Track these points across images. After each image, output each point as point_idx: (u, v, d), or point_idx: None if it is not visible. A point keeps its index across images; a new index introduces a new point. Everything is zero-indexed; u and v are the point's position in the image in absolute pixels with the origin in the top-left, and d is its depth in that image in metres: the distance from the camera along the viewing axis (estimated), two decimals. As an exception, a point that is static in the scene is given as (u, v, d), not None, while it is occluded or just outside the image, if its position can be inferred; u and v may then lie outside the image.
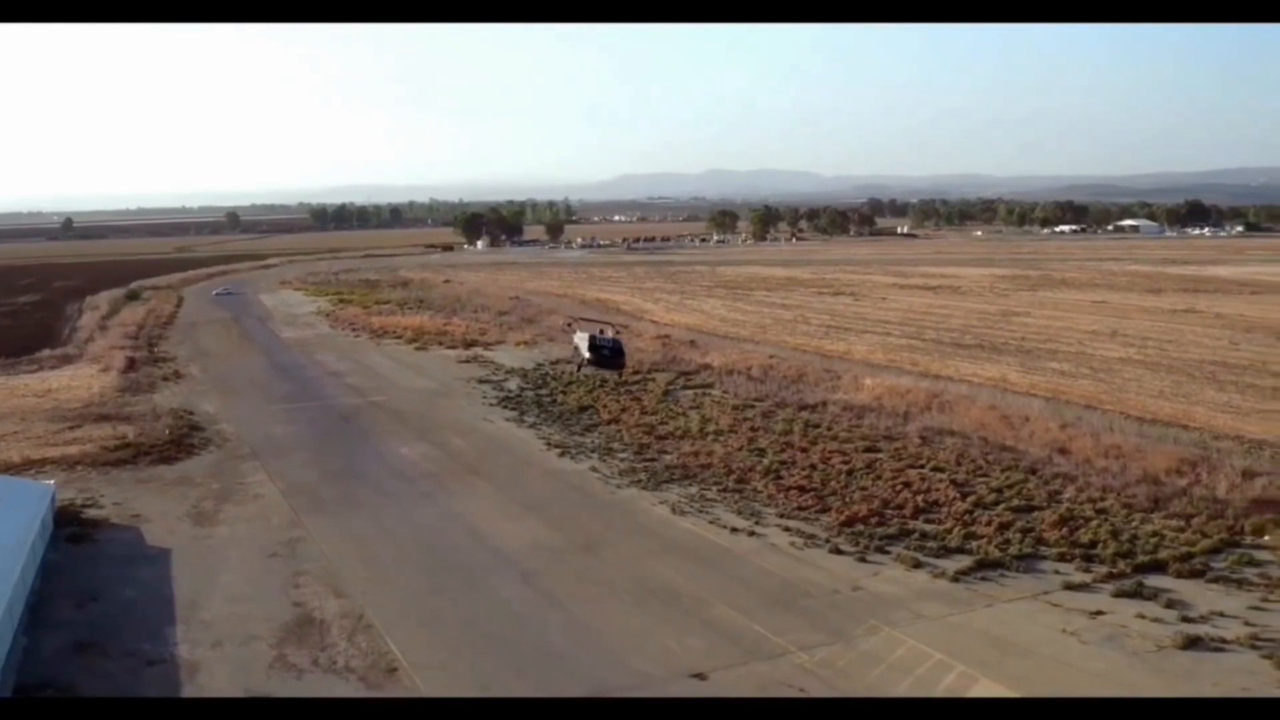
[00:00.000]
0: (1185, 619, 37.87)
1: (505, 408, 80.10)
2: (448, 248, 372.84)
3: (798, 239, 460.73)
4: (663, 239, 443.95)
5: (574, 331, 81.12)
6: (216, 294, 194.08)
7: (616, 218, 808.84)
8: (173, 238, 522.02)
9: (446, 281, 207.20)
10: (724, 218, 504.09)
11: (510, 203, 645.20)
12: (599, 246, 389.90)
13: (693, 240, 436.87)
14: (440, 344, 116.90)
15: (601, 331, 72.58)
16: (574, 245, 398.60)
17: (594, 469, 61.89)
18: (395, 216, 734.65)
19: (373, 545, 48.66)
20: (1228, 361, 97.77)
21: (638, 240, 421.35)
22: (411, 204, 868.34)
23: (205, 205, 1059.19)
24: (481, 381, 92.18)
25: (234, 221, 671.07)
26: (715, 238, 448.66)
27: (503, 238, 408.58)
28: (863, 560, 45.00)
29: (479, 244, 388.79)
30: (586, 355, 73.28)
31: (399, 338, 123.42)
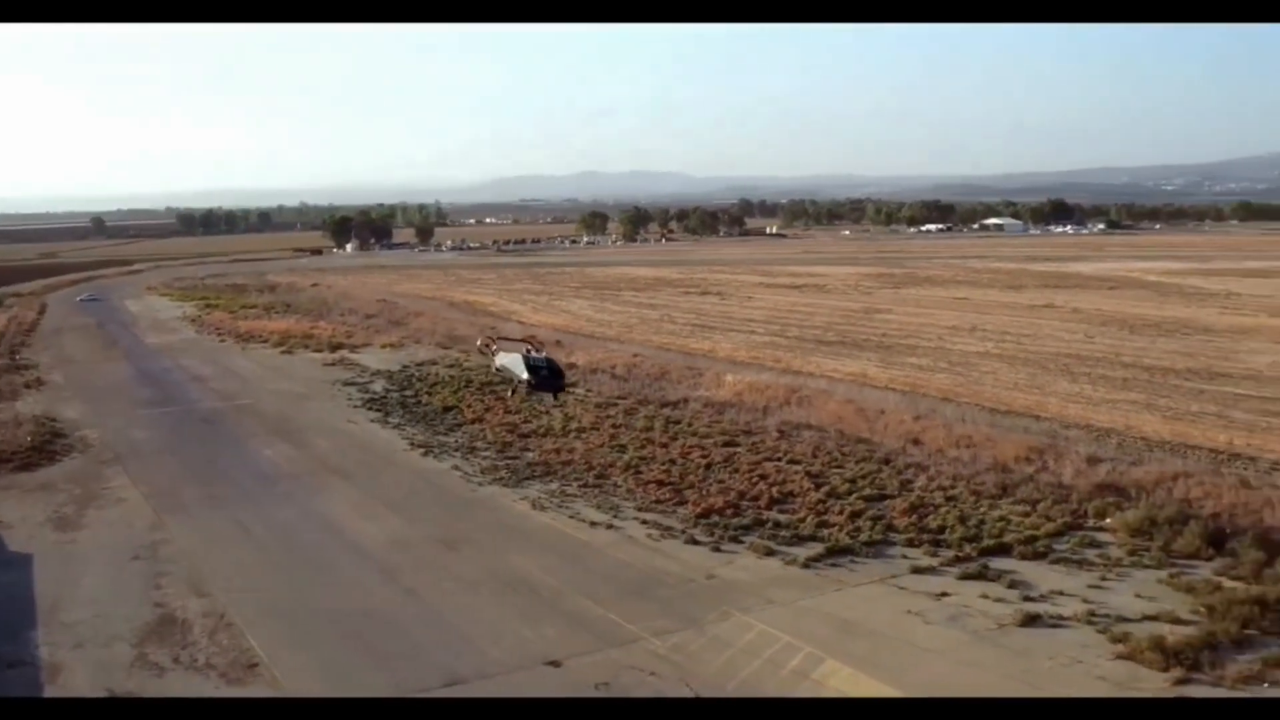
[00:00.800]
0: (1026, 598, 39.50)
1: (370, 409, 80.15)
2: (316, 251, 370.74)
3: (667, 240, 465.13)
4: (533, 241, 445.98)
5: (492, 352, 78.70)
6: (81, 300, 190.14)
7: (488, 220, 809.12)
8: (36, 244, 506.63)
9: (314, 285, 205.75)
10: (594, 219, 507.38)
11: (380, 206, 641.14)
12: (469, 249, 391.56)
13: (563, 242, 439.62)
14: (306, 347, 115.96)
15: (530, 350, 71.56)
16: (444, 248, 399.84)
17: (456, 467, 62.31)
18: (264, 221, 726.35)
19: (234, 546, 48.56)
20: (1082, 354, 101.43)
21: (508, 242, 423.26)
22: (281, 208, 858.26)
23: (70, 211, 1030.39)
24: (347, 384, 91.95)
25: (100, 227, 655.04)
26: (585, 239, 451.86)
27: (372, 241, 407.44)
28: (717, 550, 46.07)
29: (348, 247, 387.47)
30: (524, 378, 71.05)
31: (265, 342, 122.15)
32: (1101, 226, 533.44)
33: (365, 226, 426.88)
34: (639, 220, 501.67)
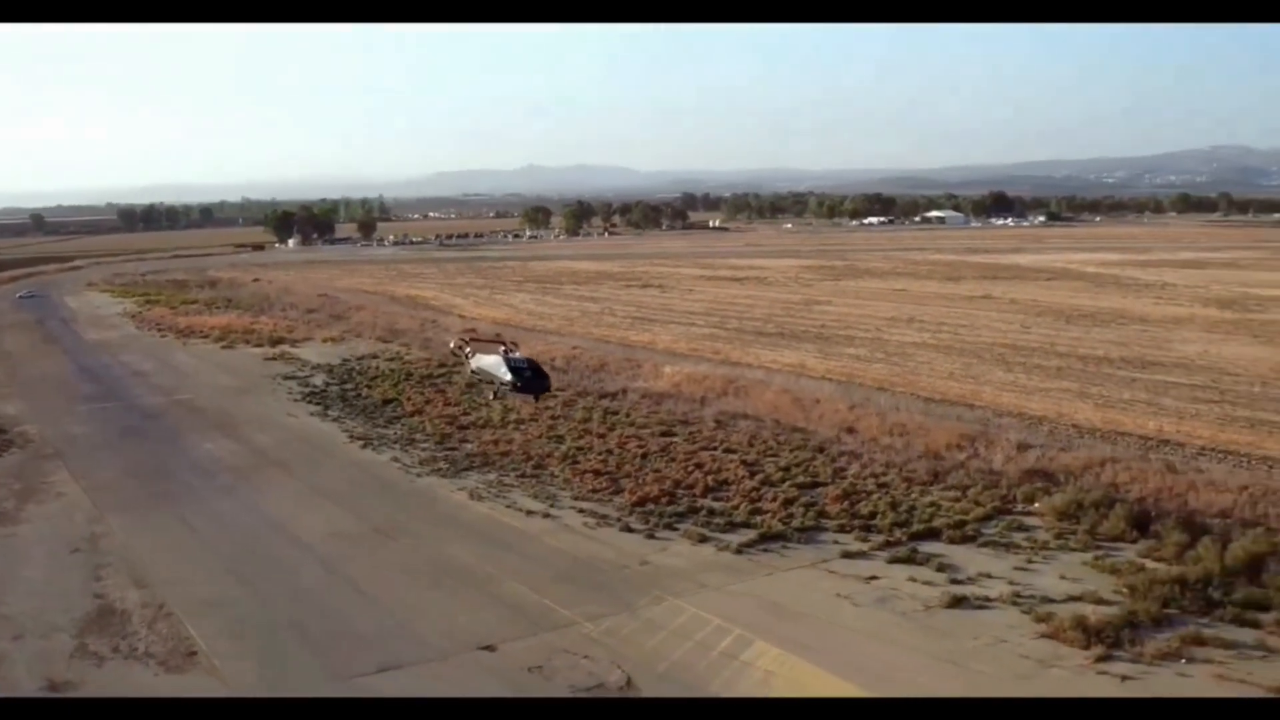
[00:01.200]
0: (954, 581, 40.61)
1: (310, 403, 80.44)
2: (258, 247, 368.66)
3: (610, 234, 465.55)
4: (476, 235, 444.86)
5: (466, 353, 77.20)
6: (20, 297, 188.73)
7: (431, 214, 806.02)
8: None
9: (255, 280, 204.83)
10: (537, 213, 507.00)
11: (323, 201, 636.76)
12: (412, 243, 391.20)
13: (506, 236, 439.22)
14: (247, 342, 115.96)
15: (506, 350, 70.51)
16: (386, 242, 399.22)
17: (395, 459, 62.78)
18: (206, 216, 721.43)
19: (174, 538, 48.86)
20: (1017, 344, 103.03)
21: (451, 236, 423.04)
22: (223, 203, 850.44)
23: (7, 207, 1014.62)
24: (287, 378, 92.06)
25: (39, 224, 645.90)
26: (529, 233, 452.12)
27: (314, 236, 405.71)
28: (651, 537, 46.94)
29: (290, 242, 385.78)
30: (506, 379, 68.62)
31: (206, 337, 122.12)
32: (1042, 219, 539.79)
33: (308, 221, 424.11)
34: (582, 214, 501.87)
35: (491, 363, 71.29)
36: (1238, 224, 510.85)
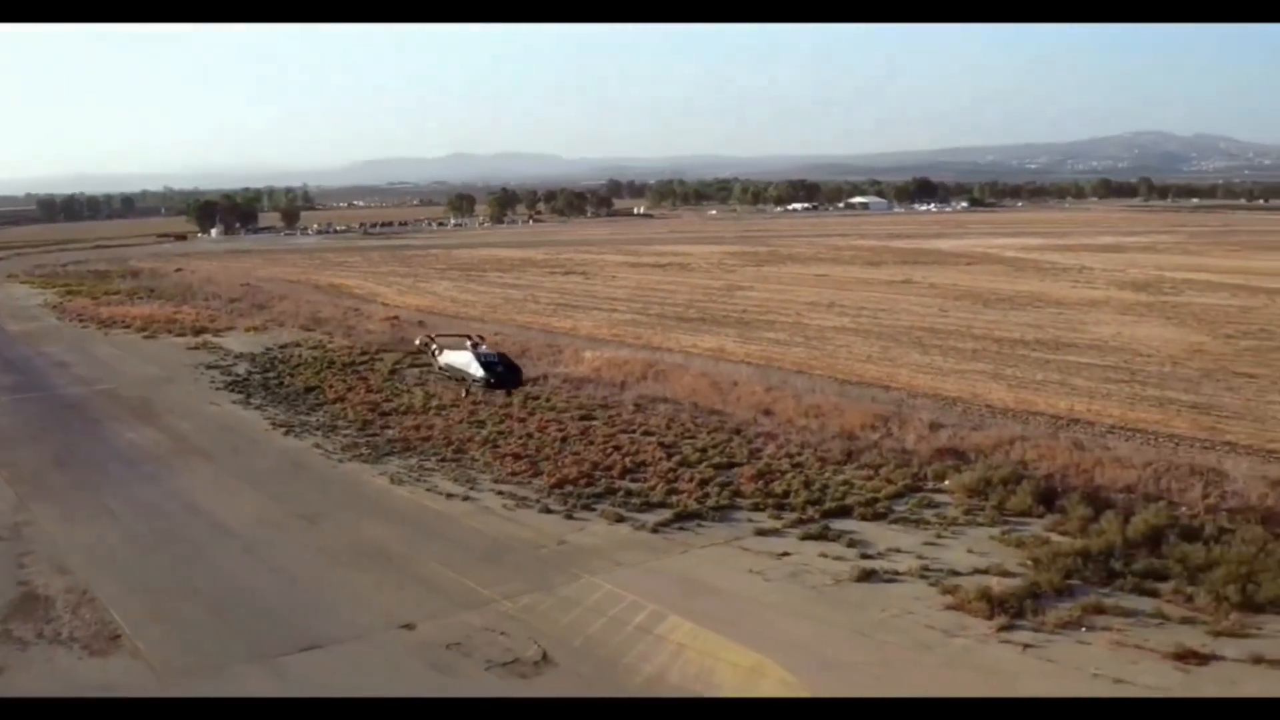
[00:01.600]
0: (864, 556, 41.76)
1: (232, 391, 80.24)
2: (180, 237, 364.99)
3: (535, 221, 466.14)
4: (400, 224, 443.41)
5: (432, 350, 76.07)
6: None
7: (356, 203, 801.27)
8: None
9: (178, 270, 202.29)
10: (461, 201, 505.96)
11: (247, 190, 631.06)
12: (335, 232, 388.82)
13: (430, 224, 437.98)
14: (170, 332, 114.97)
15: (475, 345, 69.59)
16: (310, 231, 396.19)
17: (317, 445, 62.94)
18: (128, 206, 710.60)
19: (97, 525, 48.77)
20: (935, 327, 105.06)
21: (375, 225, 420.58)
22: (145, 193, 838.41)
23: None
24: (210, 367, 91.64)
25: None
26: (453, 221, 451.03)
27: (238, 225, 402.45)
28: (569, 518, 47.73)
29: (213, 232, 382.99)
30: (480, 376, 68.96)
31: (128, 327, 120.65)
32: (965, 204, 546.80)
33: (230, 211, 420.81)
34: (506, 202, 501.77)
35: (461, 359, 71.25)
36: (1157, 209, 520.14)
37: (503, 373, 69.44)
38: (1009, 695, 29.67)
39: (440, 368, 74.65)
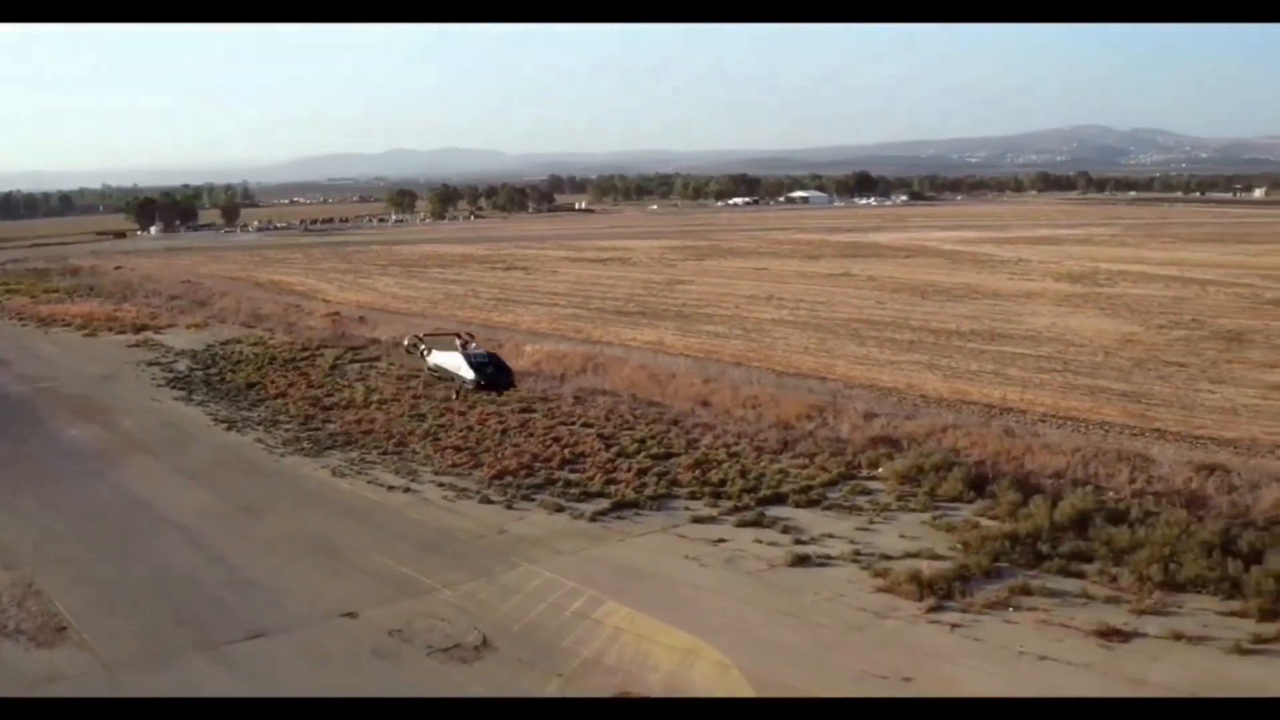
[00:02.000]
0: (798, 541, 42.83)
1: (174, 388, 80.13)
2: (120, 234, 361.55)
3: (476, 217, 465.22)
4: (341, 220, 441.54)
5: (421, 351, 75.78)
6: None
7: (296, 200, 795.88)
8: None
9: (118, 268, 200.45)
10: (402, 197, 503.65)
11: (186, 187, 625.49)
12: (276, 229, 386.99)
13: (371, 221, 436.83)
14: (110, 330, 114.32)
15: (465, 344, 68.83)
16: (250, 229, 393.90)
17: (259, 440, 63.17)
18: (66, 204, 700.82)
19: (42, 521, 48.87)
20: (872, 319, 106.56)
21: (315, 222, 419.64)
22: (83, 191, 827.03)
23: None
24: (151, 364, 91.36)
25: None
26: (394, 217, 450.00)
27: (177, 223, 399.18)
28: (509, 508, 48.51)
29: (152, 230, 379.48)
30: (470, 377, 68.74)
31: (68, 325, 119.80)
32: (904, 198, 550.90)
33: (170, 208, 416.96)
34: (448, 198, 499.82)
35: (451, 360, 71.12)
36: (1095, 201, 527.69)
37: (493, 374, 69.73)
38: (971, 691, 30.42)
39: (429, 369, 74.75)
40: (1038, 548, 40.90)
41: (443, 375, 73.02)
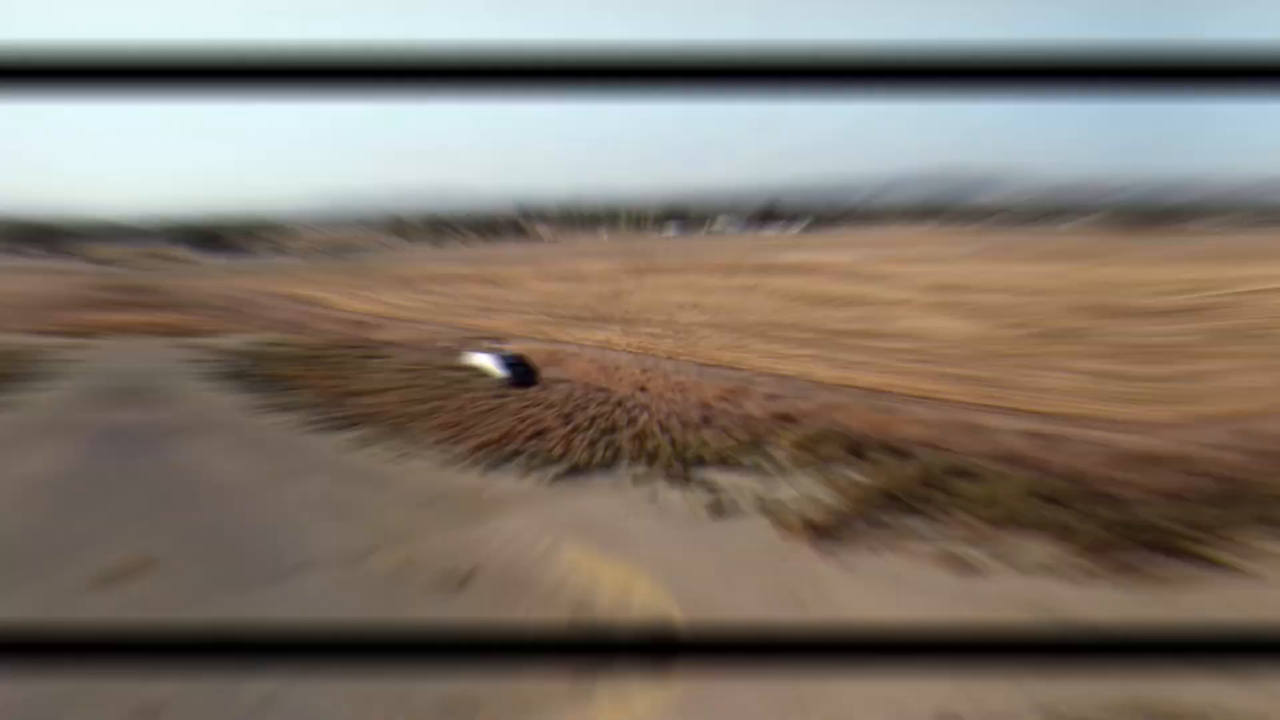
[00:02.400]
0: (715, 496, 44.34)
1: (211, 380, 79.93)
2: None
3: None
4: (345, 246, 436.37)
5: (459, 353, 75.97)
6: None
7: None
8: None
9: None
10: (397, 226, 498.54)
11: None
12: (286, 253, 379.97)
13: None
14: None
15: (499, 348, 68.66)
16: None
17: (287, 421, 63.72)
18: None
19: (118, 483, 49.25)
20: (776, 322, 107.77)
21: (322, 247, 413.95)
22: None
23: None
24: (193, 361, 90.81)
25: None
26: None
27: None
28: (488, 473, 49.50)
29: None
30: (502, 375, 68.54)
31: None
32: (803, 227, 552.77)
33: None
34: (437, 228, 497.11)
35: (485, 359, 71.67)
36: (962, 230, 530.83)
37: (522, 373, 70.44)
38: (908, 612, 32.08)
39: (466, 367, 75.68)
40: (903, 499, 42.70)
41: (477, 373, 73.66)
